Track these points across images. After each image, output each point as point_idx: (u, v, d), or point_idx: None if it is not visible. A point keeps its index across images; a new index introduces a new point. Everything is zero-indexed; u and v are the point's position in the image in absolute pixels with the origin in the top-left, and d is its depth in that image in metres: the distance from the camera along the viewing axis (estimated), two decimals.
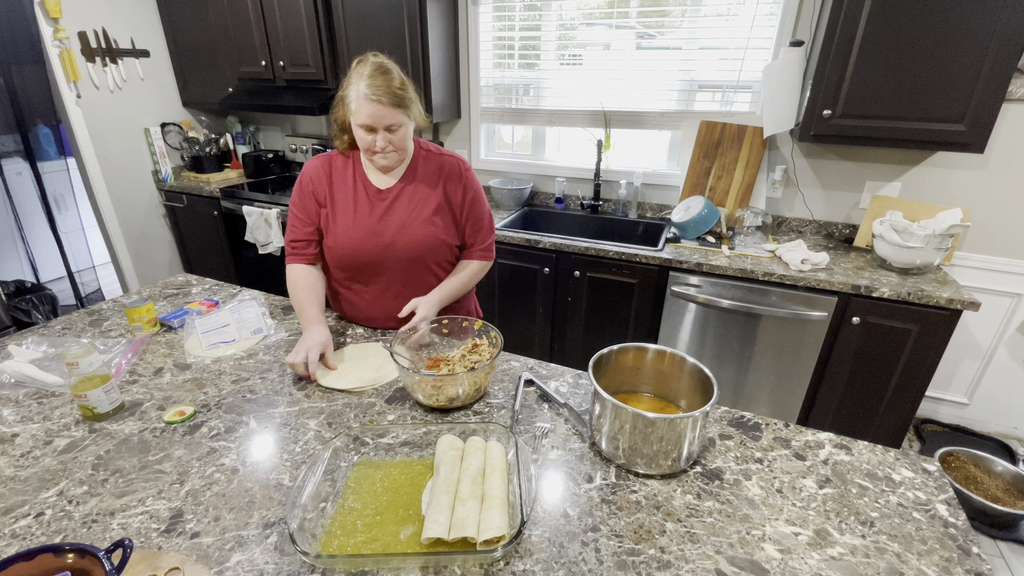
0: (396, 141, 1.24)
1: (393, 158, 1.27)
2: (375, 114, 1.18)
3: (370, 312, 1.42)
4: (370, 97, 1.16)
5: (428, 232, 1.34)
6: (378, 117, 1.18)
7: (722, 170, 2.43)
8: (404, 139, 1.25)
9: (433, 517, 0.75)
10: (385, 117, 1.19)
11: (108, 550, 0.65)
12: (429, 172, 1.36)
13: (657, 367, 1.06)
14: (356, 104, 1.19)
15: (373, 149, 1.24)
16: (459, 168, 1.38)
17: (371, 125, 1.20)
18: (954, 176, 2.15)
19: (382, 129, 1.21)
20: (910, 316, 1.83)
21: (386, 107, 1.17)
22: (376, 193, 1.34)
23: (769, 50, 2.30)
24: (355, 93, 1.19)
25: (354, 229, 1.33)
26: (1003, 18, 1.65)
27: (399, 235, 1.33)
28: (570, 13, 2.57)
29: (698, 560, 0.76)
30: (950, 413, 2.49)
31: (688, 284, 2.10)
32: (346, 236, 1.33)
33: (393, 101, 1.18)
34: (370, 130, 1.21)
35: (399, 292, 1.38)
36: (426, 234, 1.34)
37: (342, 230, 1.33)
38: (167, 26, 3.21)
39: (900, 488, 0.90)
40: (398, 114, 1.20)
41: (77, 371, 1.01)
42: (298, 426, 1.03)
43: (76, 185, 3.07)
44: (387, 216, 1.33)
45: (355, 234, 1.33)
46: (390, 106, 1.18)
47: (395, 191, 1.34)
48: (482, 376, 1.07)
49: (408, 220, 1.33)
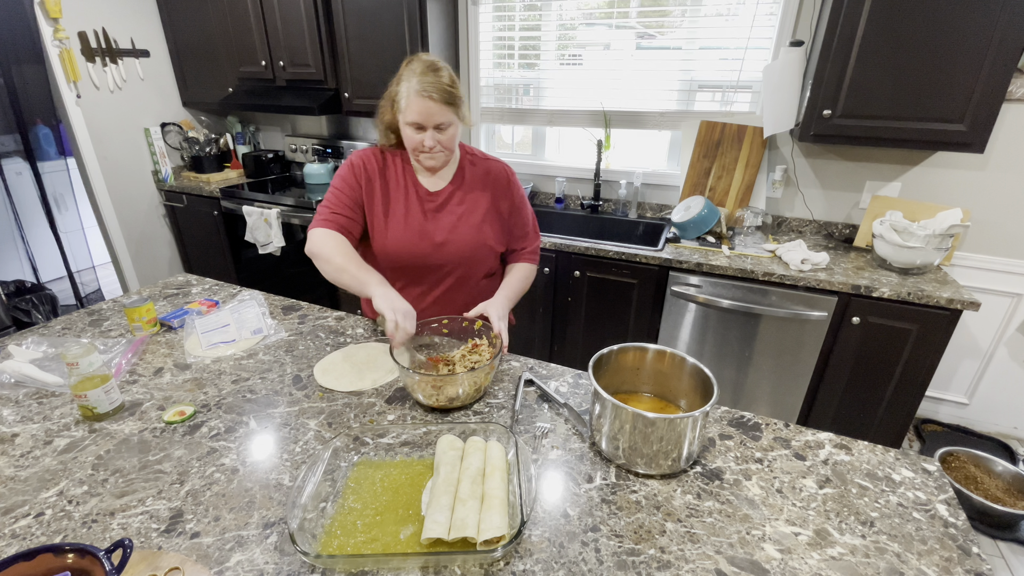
0: (444, 141, 1.23)
1: (440, 158, 1.26)
2: (426, 111, 1.17)
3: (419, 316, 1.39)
4: (421, 93, 1.15)
5: (478, 237, 1.34)
6: (428, 114, 1.17)
7: (722, 170, 2.43)
8: (452, 139, 1.24)
9: (433, 517, 0.75)
10: (436, 115, 1.18)
11: (108, 550, 0.65)
12: (477, 177, 1.36)
13: (657, 367, 1.06)
14: (406, 101, 1.18)
15: (421, 148, 1.23)
16: (506, 174, 1.39)
17: (421, 123, 1.19)
18: (954, 176, 2.15)
19: (431, 128, 1.20)
20: (910, 316, 1.83)
21: (437, 104, 1.16)
22: (427, 194, 1.34)
23: (769, 50, 2.30)
24: (406, 90, 1.18)
25: (407, 230, 1.32)
26: (1003, 18, 1.65)
27: (451, 238, 1.33)
28: (570, 13, 2.57)
29: (698, 560, 0.76)
30: (950, 413, 2.48)
31: (688, 284, 2.10)
32: (398, 237, 1.32)
33: (444, 98, 1.17)
34: (419, 128, 1.20)
35: (442, 295, 1.38)
36: (476, 239, 1.34)
37: (394, 230, 1.32)
38: (167, 26, 3.21)
39: (900, 488, 0.90)
40: (448, 112, 1.19)
41: (77, 371, 1.01)
42: (298, 426, 1.03)
43: (76, 185, 3.07)
44: (438, 219, 1.33)
45: (407, 234, 1.32)
46: (441, 103, 1.17)
47: (445, 194, 1.34)
48: (482, 376, 1.07)
49: (459, 224, 1.33)
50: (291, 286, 3.15)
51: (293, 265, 3.08)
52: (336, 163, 3.30)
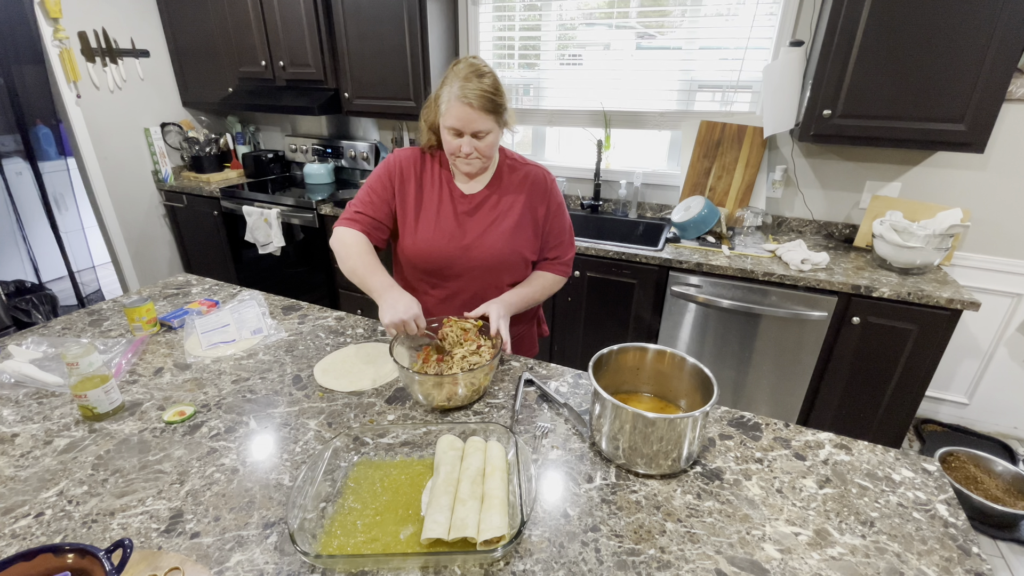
0: (482, 148, 1.21)
1: (476, 164, 1.24)
2: (464, 117, 1.15)
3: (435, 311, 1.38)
4: (462, 99, 1.14)
5: (508, 243, 1.31)
6: (467, 121, 1.16)
7: (722, 170, 2.43)
8: (490, 146, 1.22)
9: (433, 517, 0.75)
10: (474, 122, 1.16)
11: (108, 550, 0.65)
12: (514, 182, 1.33)
13: (657, 367, 1.06)
14: (447, 105, 1.17)
15: (458, 154, 1.21)
16: (544, 180, 1.35)
17: (459, 129, 1.17)
18: (954, 176, 2.15)
19: (469, 134, 1.18)
20: (910, 316, 1.83)
21: (475, 111, 1.15)
22: (461, 197, 1.32)
23: (769, 50, 2.30)
24: (448, 94, 1.16)
25: (436, 231, 1.30)
26: (1003, 18, 1.65)
27: (479, 242, 1.30)
28: (570, 13, 2.57)
29: (698, 560, 0.76)
30: (950, 413, 2.48)
31: (688, 284, 2.10)
32: (427, 236, 1.30)
33: (484, 105, 1.15)
34: (457, 134, 1.19)
35: (467, 300, 1.35)
36: (505, 244, 1.31)
37: (424, 231, 1.31)
38: (167, 26, 3.21)
39: (900, 488, 0.90)
40: (487, 120, 1.17)
41: (77, 371, 1.01)
42: (298, 426, 1.03)
43: (76, 185, 3.07)
44: (470, 222, 1.31)
45: (437, 236, 1.30)
46: (480, 110, 1.15)
47: (480, 197, 1.32)
48: (482, 376, 1.07)
49: (489, 228, 1.31)
50: (291, 286, 3.15)
51: (293, 265, 3.08)
52: (336, 163, 3.30)
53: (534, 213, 1.34)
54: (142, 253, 3.38)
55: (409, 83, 2.62)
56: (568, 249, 1.43)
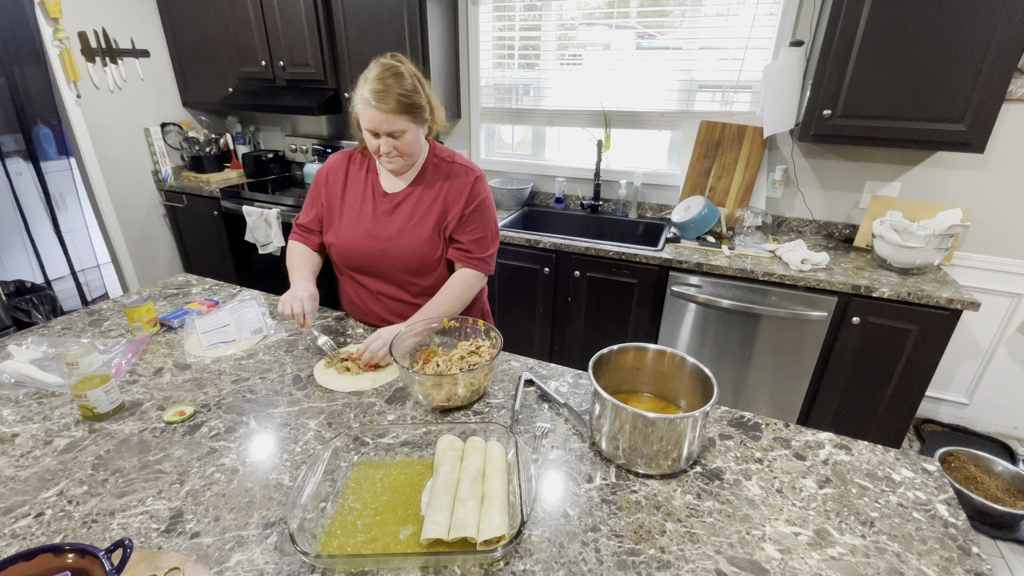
0: (400, 147, 1.22)
1: (399, 163, 1.26)
2: (375, 120, 1.17)
3: (365, 309, 1.46)
4: (370, 102, 1.16)
5: (425, 243, 1.32)
6: (378, 123, 1.17)
7: (722, 170, 2.43)
8: (409, 144, 1.23)
9: (432, 517, 0.75)
10: (383, 123, 1.17)
11: (108, 550, 0.65)
12: (436, 179, 1.34)
13: (657, 367, 1.06)
14: (360, 107, 1.19)
15: (377, 153, 1.23)
16: (467, 175, 1.34)
17: (372, 129, 1.19)
18: (954, 176, 2.15)
19: (384, 134, 1.19)
20: (910, 316, 1.83)
21: (386, 113, 1.16)
22: (382, 196, 1.35)
23: (769, 50, 2.30)
24: (358, 96, 1.19)
25: (355, 229, 1.35)
26: (1003, 18, 1.65)
27: (394, 241, 1.33)
28: (570, 13, 2.57)
29: (698, 560, 0.76)
30: (950, 413, 2.48)
31: (688, 284, 2.10)
32: (346, 234, 1.36)
33: (396, 107, 1.15)
34: (374, 135, 1.20)
35: (392, 294, 1.40)
36: (421, 244, 1.32)
37: (344, 228, 1.36)
38: (167, 26, 3.21)
39: (900, 488, 0.90)
40: (401, 120, 1.18)
41: (77, 371, 1.01)
42: (298, 426, 1.03)
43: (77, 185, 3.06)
44: (388, 220, 1.34)
45: (354, 234, 1.35)
46: (391, 112, 1.16)
47: (401, 196, 1.34)
48: (481, 376, 1.07)
49: (406, 227, 1.33)
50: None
51: None
52: None
53: (450, 212, 1.33)
54: (142, 253, 3.38)
55: None
56: (488, 246, 1.38)
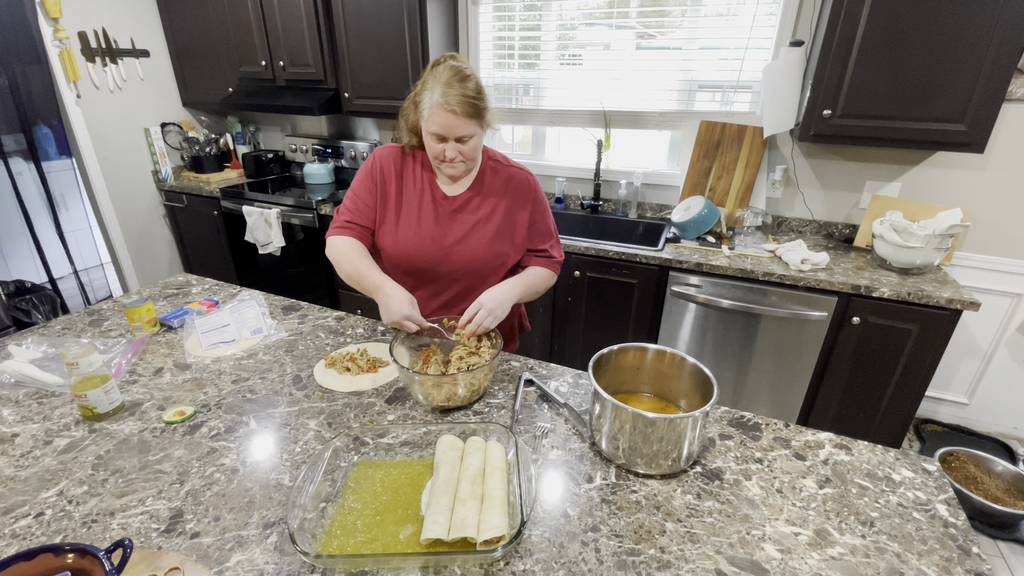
0: (466, 152, 1.19)
1: (461, 168, 1.23)
2: (447, 124, 1.13)
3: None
4: (444, 107, 1.11)
5: (490, 246, 1.30)
6: (450, 127, 1.14)
7: (722, 170, 2.43)
8: (474, 149, 1.20)
9: (432, 518, 0.75)
10: (457, 128, 1.14)
11: (108, 550, 0.65)
12: (497, 184, 1.32)
13: (657, 367, 1.06)
14: (429, 112, 1.14)
15: (442, 158, 1.19)
16: (527, 182, 1.34)
17: (443, 135, 1.16)
18: (954, 176, 2.15)
19: (453, 139, 1.16)
20: (910, 316, 1.83)
21: (459, 117, 1.12)
22: (443, 199, 1.31)
23: (769, 50, 2.30)
24: (429, 100, 1.14)
25: (418, 234, 1.29)
26: (1003, 18, 1.65)
27: (460, 245, 1.29)
28: (570, 13, 2.57)
29: (698, 560, 0.76)
30: (950, 413, 2.48)
31: (688, 284, 2.10)
32: (408, 239, 1.30)
33: (467, 111, 1.13)
34: (441, 139, 1.17)
35: (449, 301, 1.36)
36: (487, 247, 1.30)
37: (404, 232, 1.30)
38: (167, 26, 3.21)
39: (900, 488, 0.90)
40: (471, 125, 1.15)
41: (77, 371, 1.01)
42: (298, 426, 1.03)
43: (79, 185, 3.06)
44: (452, 224, 1.30)
45: (418, 239, 1.29)
46: (464, 116, 1.13)
47: (462, 199, 1.31)
48: (481, 377, 1.07)
49: (471, 231, 1.30)
50: (291, 286, 3.15)
51: (293, 265, 3.08)
52: (336, 163, 3.30)
53: (517, 216, 1.33)
54: (142, 253, 3.38)
55: (409, 83, 2.60)
56: (556, 249, 1.41)
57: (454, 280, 1.34)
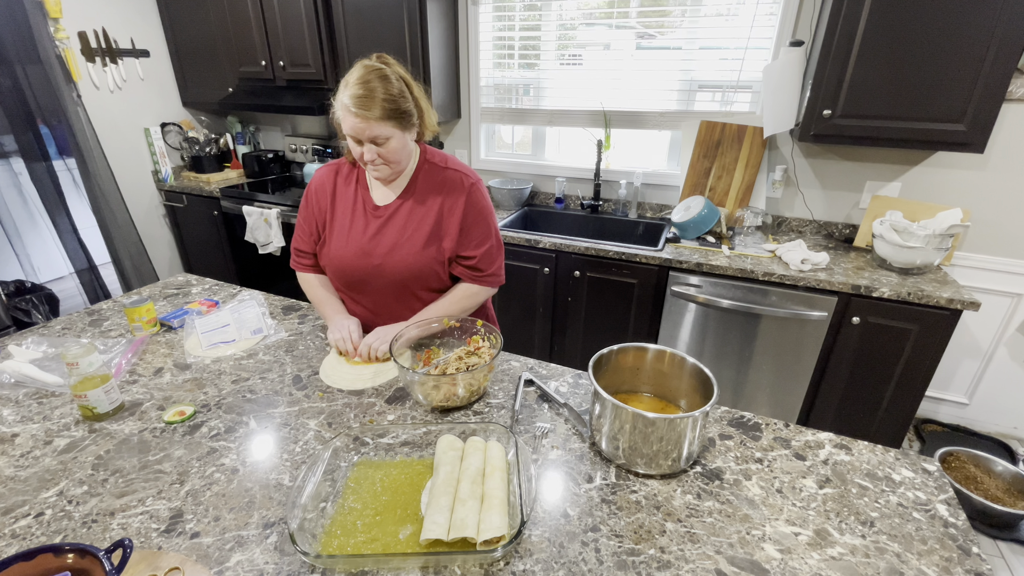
0: (385, 154, 1.14)
1: (385, 171, 1.19)
2: (354, 126, 1.10)
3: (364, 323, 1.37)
4: (350, 108, 1.08)
5: (421, 254, 1.25)
6: (358, 129, 1.10)
7: (722, 170, 2.43)
8: (395, 151, 1.15)
9: (432, 518, 0.75)
10: (366, 130, 1.10)
11: (108, 550, 0.65)
12: (430, 188, 1.26)
13: (657, 367, 1.06)
14: (340, 114, 1.12)
15: (362, 160, 1.16)
16: (462, 183, 1.26)
17: (354, 136, 1.12)
18: (954, 176, 2.15)
19: (367, 141, 1.12)
20: (910, 316, 1.83)
21: (367, 120, 1.08)
22: (373, 209, 1.28)
23: (769, 50, 2.30)
24: (339, 102, 1.11)
25: (346, 247, 1.28)
26: (1003, 18, 1.65)
27: (388, 258, 1.26)
28: (570, 13, 2.57)
29: (698, 560, 0.76)
30: (950, 413, 2.48)
31: (688, 284, 2.10)
32: (338, 253, 1.29)
33: (378, 114, 1.08)
34: (357, 141, 1.13)
35: (389, 310, 1.34)
36: (419, 256, 1.25)
37: (335, 246, 1.30)
38: (167, 26, 3.21)
39: (900, 488, 0.90)
40: (384, 126, 1.10)
41: (77, 371, 1.01)
42: (298, 426, 1.03)
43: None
44: (379, 236, 1.26)
45: (346, 252, 1.28)
46: (373, 120, 1.08)
47: (392, 208, 1.27)
48: (481, 377, 1.07)
49: (400, 242, 1.25)
50: (291, 286, 3.15)
51: None
52: None
53: (447, 221, 1.26)
54: (142, 253, 3.37)
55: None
56: (495, 258, 1.33)
57: (388, 292, 1.31)
